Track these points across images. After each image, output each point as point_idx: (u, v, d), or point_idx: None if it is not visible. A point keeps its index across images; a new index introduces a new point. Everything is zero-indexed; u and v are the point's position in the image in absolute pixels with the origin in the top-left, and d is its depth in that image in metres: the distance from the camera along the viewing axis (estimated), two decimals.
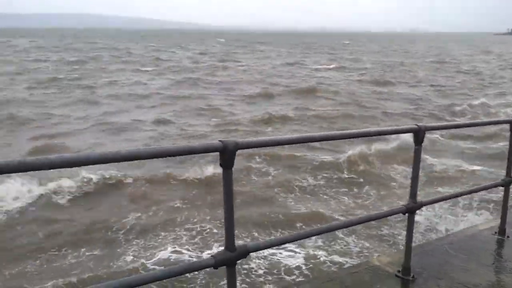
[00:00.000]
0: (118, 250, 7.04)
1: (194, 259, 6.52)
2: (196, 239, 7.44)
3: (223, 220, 2.19)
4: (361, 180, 10.54)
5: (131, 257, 6.80)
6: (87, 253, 6.93)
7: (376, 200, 9.33)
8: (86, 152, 1.74)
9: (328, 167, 11.28)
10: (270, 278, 6.28)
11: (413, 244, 3.30)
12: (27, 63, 38.49)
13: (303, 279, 6.00)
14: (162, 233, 7.62)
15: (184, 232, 7.65)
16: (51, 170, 1.63)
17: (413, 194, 3.13)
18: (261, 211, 8.57)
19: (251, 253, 2.29)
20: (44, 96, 22.02)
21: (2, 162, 1.51)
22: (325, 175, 10.79)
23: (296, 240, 3.04)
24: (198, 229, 7.80)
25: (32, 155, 11.31)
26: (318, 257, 6.79)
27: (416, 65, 44.98)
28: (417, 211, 3.20)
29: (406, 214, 3.14)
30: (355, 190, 9.95)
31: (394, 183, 10.35)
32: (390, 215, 3.38)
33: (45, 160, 1.59)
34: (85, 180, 9.51)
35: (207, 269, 2.12)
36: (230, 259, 2.13)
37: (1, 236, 7.39)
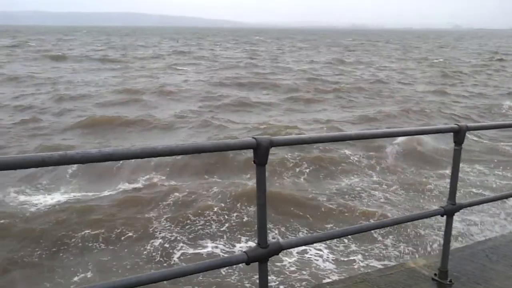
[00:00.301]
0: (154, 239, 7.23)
1: (226, 255, 6.59)
2: (228, 230, 7.53)
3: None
4: (393, 178, 10.36)
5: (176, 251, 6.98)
6: (123, 239, 7.19)
7: (408, 199, 9.10)
8: (125, 147, 1.78)
9: (363, 165, 11.13)
10: (304, 272, 6.24)
11: (451, 248, 3.19)
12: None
13: (335, 278, 5.93)
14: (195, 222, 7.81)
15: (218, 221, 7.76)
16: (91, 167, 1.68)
17: (451, 196, 3.03)
18: (293, 207, 8.55)
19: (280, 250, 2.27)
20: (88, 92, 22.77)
21: (45, 155, 1.57)
22: (357, 173, 10.65)
23: (330, 239, 3.00)
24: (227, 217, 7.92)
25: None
26: (351, 255, 6.69)
27: (463, 63, 43.23)
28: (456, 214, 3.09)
29: (444, 216, 3.04)
30: (385, 186, 9.78)
31: (430, 186, 10.06)
32: (428, 217, 3.28)
33: (85, 154, 1.64)
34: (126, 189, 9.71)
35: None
36: (263, 256, 2.12)
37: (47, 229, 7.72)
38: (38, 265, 6.52)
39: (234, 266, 5.82)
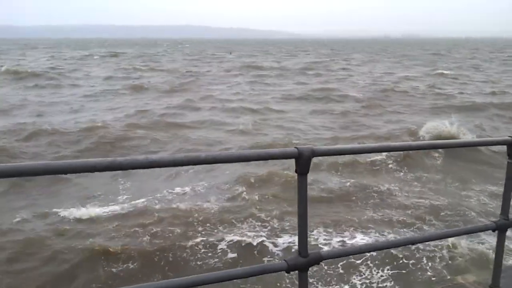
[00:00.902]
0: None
1: (267, 262, 6.51)
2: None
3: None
4: (437, 188, 9.85)
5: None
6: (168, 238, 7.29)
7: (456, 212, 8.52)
8: (170, 154, 1.78)
9: (408, 176, 10.69)
10: (344, 277, 6.02)
11: (503, 264, 2.92)
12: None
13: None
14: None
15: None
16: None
17: (504, 211, 2.78)
18: (334, 213, 8.40)
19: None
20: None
21: (96, 161, 1.60)
22: (400, 183, 10.21)
23: (372, 251, 2.85)
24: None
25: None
26: (393, 262, 6.37)
27: None
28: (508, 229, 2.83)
29: (496, 232, 2.80)
30: (430, 195, 9.31)
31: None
32: (478, 232, 3.03)
33: (132, 161, 1.67)
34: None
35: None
36: (303, 265, 2.08)
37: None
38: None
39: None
